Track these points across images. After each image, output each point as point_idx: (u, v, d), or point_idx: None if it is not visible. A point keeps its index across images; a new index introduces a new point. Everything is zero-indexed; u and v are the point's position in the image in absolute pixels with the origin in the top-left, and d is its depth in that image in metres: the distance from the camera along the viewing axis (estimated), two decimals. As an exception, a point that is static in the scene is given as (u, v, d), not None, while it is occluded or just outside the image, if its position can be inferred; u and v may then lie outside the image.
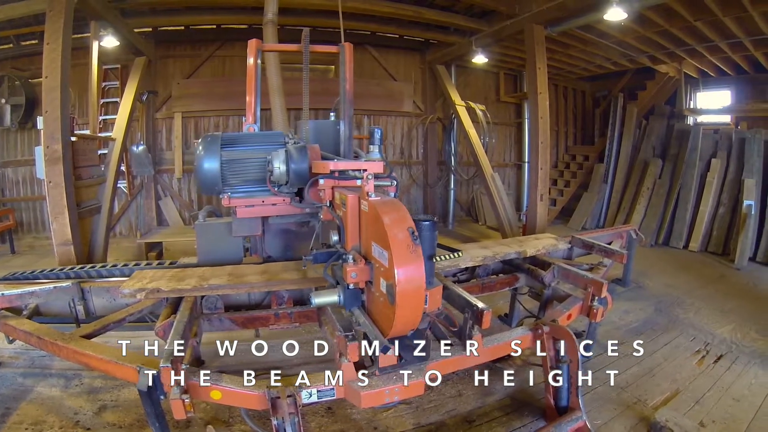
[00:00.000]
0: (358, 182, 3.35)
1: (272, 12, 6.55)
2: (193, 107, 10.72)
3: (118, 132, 8.52)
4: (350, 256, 2.98)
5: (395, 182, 3.58)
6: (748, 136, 10.35)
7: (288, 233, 4.99)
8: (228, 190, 4.23)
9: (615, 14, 7.24)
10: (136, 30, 9.28)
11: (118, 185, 9.47)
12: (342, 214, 3.23)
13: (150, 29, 10.09)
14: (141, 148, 10.06)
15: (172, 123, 10.69)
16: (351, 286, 3.02)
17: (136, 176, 10.53)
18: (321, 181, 3.54)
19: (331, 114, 5.18)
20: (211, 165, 4.09)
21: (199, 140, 4.25)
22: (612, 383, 4.62)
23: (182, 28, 10.44)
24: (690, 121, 12.71)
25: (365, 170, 3.28)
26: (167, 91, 10.68)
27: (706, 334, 5.96)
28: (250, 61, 5.01)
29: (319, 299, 3.13)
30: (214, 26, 10.51)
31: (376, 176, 3.30)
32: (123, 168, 9.81)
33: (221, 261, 4.71)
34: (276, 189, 4.13)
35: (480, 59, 10.61)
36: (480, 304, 3.39)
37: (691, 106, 13.30)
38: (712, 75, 12.69)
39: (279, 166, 3.94)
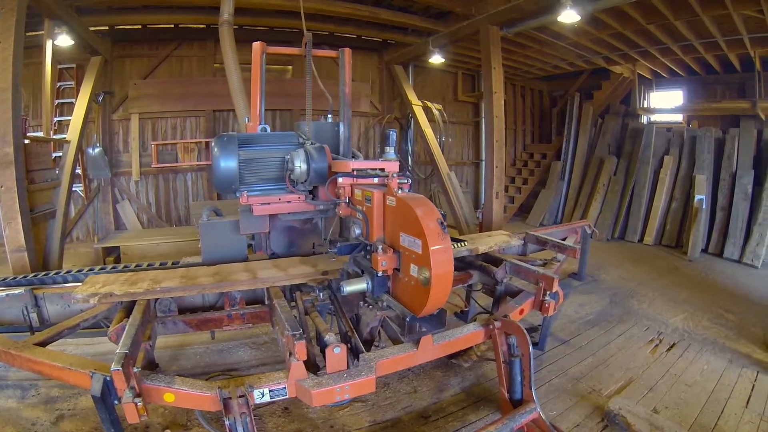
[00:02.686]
0: (375, 180, 3.67)
1: (228, 12, 6.47)
2: (150, 108, 10.45)
3: (73, 134, 8.24)
4: (380, 247, 3.21)
5: (410, 180, 3.72)
6: (699, 134, 10.79)
7: (292, 230, 5.10)
8: (244, 188, 4.36)
9: (568, 16, 7.38)
10: (91, 28, 9.02)
11: (74, 189, 9.20)
12: (366, 209, 3.47)
13: (106, 28, 9.79)
14: (97, 150, 9.79)
15: (129, 124, 10.40)
16: (380, 274, 3.23)
17: (92, 179, 10.20)
18: (340, 179, 3.78)
19: (329, 115, 5.24)
20: (228, 164, 4.20)
21: (214, 140, 4.32)
22: (567, 374, 4.77)
23: (139, 27, 10.16)
24: (644, 119, 13.13)
25: (383, 169, 3.67)
26: (124, 92, 10.38)
27: (659, 323, 6.16)
28: (255, 63, 4.98)
29: (349, 287, 3.35)
30: (172, 25, 10.28)
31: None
32: (79, 171, 9.54)
33: (226, 259, 4.77)
34: (293, 187, 4.39)
35: (437, 59, 10.69)
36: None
37: (645, 106, 13.69)
38: (664, 76, 13.11)
39: (300, 165, 4.15)
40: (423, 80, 13.61)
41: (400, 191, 3.23)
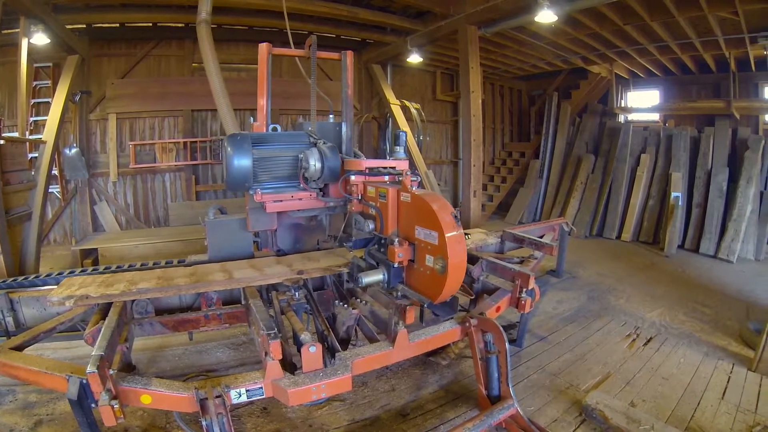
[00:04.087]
0: (386, 178, 3.89)
1: (206, 11, 6.39)
2: (128, 108, 10.35)
3: (49, 134, 8.14)
4: (396, 240, 3.44)
5: (418, 178, 3.85)
6: (675, 133, 10.96)
7: (298, 227, 5.23)
8: (257, 186, 4.44)
9: (545, 16, 7.46)
10: (68, 27, 8.90)
11: (51, 190, 9.12)
12: (380, 205, 3.69)
13: (83, 26, 9.66)
14: (74, 150, 9.65)
15: (107, 124, 10.29)
16: (396, 265, 3.46)
17: (69, 180, 10.04)
18: (352, 177, 4.02)
19: (330, 116, 5.37)
20: (242, 162, 4.28)
21: (226, 139, 4.37)
22: (545, 370, 4.81)
23: (117, 25, 10.05)
24: (621, 119, 13.31)
25: (394, 167, 3.95)
26: (101, 91, 10.25)
27: (636, 318, 6.24)
28: (262, 64, 5.06)
29: (367, 279, 3.58)
30: (150, 24, 10.17)
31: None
32: (55, 172, 9.41)
33: (232, 256, 4.89)
34: (306, 184, 4.58)
35: (415, 59, 10.74)
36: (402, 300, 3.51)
37: (622, 105, 13.90)
38: (641, 76, 13.35)
39: (314, 164, 4.33)
40: (401, 79, 13.67)
41: (414, 188, 3.48)
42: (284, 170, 4.61)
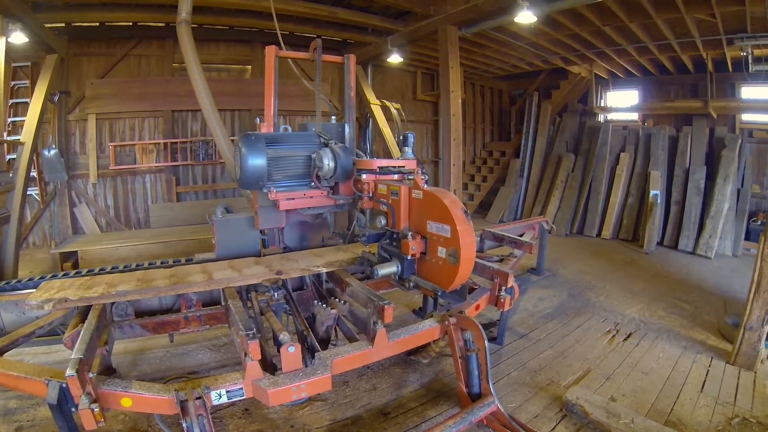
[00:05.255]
0: (395, 176, 4.10)
1: (186, 11, 6.32)
2: (108, 108, 10.18)
3: (27, 135, 8.00)
4: (409, 234, 3.64)
5: (426, 176, 3.96)
6: (654, 132, 11.15)
7: (304, 225, 5.37)
8: (271, 185, 4.56)
9: (525, 17, 7.50)
10: (47, 25, 8.73)
11: (29, 192, 8.98)
12: (392, 201, 3.89)
13: (63, 25, 9.51)
14: (53, 152, 9.48)
15: (86, 125, 10.12)
16: (409, 258, 3.66)
17: (48, 182, 9.87)
18: (363, 176, 4.19)
19: (332, 117, 5.59)
20: (256, 162, 4.44)
21: (239, 139, 4.49)
22: (526, 367, 4.88)
23: (97, 24, 9.92)
24: (600, 118, 13.44)
25: (403, 166, 4.17)
26: (80, 92, 10.09)
27: (616, 314, 6.34)
28: (269, 66, 5.19)
29: (383, 271, 3.78)
30: (130, 23, 10.06)
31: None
32: (34, 174, 9.26)
33: (240, 254, 4.98)
34: (319, 183, 4.78)
35: (396, 59, 10.73)
36: (381, 299, 3.56)
37: (602, 105, 14.04)
38: (621, 76, 13.52)
39: (328, 163, 4.55)
40: (382, 79, 13.67)
41: (425, 186, 3.68)
42: (297, 169, 4.76)
